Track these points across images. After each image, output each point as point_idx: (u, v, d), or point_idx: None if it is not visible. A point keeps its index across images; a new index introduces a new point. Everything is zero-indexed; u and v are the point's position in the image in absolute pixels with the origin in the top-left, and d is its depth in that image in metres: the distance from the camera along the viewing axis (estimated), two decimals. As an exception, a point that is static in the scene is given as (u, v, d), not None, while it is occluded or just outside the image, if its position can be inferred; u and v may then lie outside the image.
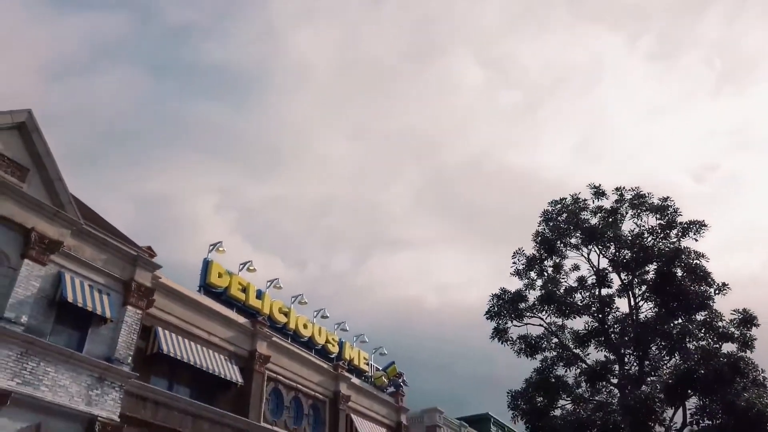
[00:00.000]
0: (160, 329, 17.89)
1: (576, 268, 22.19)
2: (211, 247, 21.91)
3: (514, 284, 24.03)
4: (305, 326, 24.81)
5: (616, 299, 21.39)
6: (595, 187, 22.13)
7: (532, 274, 21.93)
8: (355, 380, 26.08)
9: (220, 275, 21.58)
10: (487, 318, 21.55)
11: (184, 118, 67.37)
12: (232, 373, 19.61)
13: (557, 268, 22.01)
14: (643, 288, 20.88)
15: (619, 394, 19.59)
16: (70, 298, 14.74)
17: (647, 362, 19.92)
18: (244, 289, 22.41)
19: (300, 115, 77.54)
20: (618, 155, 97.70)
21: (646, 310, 20.82)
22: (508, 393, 20.42)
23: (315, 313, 26.48)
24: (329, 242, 76.75)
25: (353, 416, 24.92)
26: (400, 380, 28.88)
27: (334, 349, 26.04)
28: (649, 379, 19.27)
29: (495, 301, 21.65)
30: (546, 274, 21.81)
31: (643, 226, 21.50)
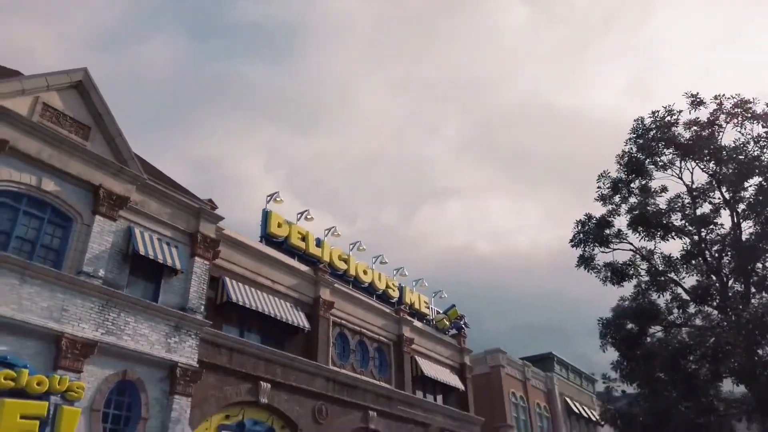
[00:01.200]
0: (227, 279, 18.32)
1: (664, 189, 20.49)
2: (269, 198, 22.07)
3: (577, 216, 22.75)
4: (365, 272, 24.98)
5: (715, 218, 19.59)
6: (692, 95, 19.61)
7: (617, 199, 20.70)
8: (417, 323, 26.30)
9: (279, 225, 21.80)
10: (572, 246, 20.65)
11: (228, 79, 67.51)
12: (298, 319, 20.03)
13: (645, 190, 20.34)
14: (743, 205, 19.13)
15: (719, 318, 18.57)
16: (141, 251, 15.15)
17: (752, 282, 18.56)
18: (304, 238, 22.62)
19: (341, 70, 76.49)
20: (671, 91, 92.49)
21: (746, 228, 19.21)
22: (598, 321, 19.67)
23: (373, 259, 26.62)
24: (377, 196, 76.77)
25: (417, 358, 25.25)
26: (462, 322, 28.99)
27: (395, 293, 26.22)
28: (753, 300, 18.05)
29: (579, 227, 20.74)
30: (634, 196, 20.45)
31: (749, 134, 19.07)
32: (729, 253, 19.14)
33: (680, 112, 20.13)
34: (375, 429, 21.22)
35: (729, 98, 19.43)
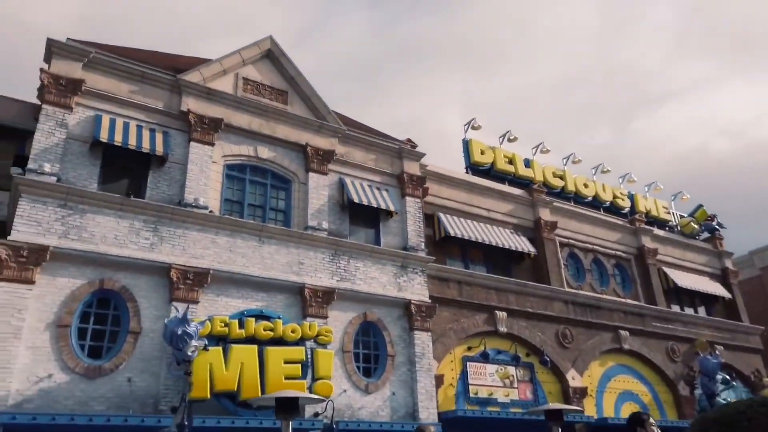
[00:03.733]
0: (441, 215, 17.98)
1: None
2: (466, 126, 21.09)
3: None
4: (585, 185, 22.70)
5: None
6: None
7: None
8: (658, 232, 23.26)
9: (482, 152, 20.75)
10: None
11: (411, 38, 67.29)
12: (522, 244, 18.95)
13: None
14: None
15: None
16: (355, 199, 15.47)
17: None
18: (511, 161, 21.26)
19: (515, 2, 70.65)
20: None
21: None
22: None
23: (592, 170, 24.09)
24: (583, 118, 70.15)
25: (666, 269, 22.34)
26: (714, 223, 24.86)
27: (625, 203, 23.45)
28: None
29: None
30: None
31: None
32: None
33: None
34: (629, 349, 19.36)
35: None
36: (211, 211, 13.39)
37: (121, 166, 13.07)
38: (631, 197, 23.86)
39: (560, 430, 9.92)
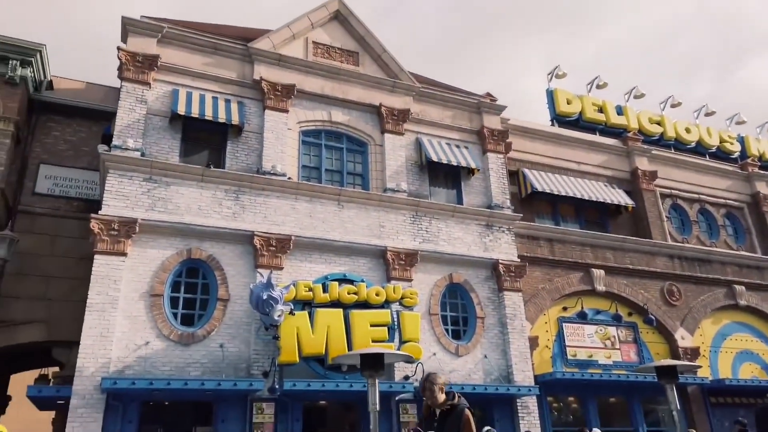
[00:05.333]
0: (526, 170, 16.98)
1: None
2: (550, 75, 19.73)
3: None
4: (687, 130, 20.70)
5: None
6: None
7: None
8: (775, 176, 20.86)
9: (568, 102, 19.35)
10: None
11: (484, 1, 64.35)
12: (618, 197, 17.56)
13: None
14: None
15: None
16: (434, 158, 14.84)
17: None
18: (601, 109, 19.70)
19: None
20: None
21: None
22: None
23: (695, 114, 21.93)
24: (683, 69, 64.26)
25: (786, 217, 20.02)
26: (844, 162, 21.92)
27: (734, 147, 21.23)
28: None
29: None
30: None
31: None
32: None
33: None
34: (746, 305, 17.56)
35: None
36: (289, 178, 13.29)
37: (200, 138, 13.24)
38: (741, 140, 21.55)
39: (674, 389, 8.89)
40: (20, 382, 16.02)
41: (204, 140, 13.27)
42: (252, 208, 12.59)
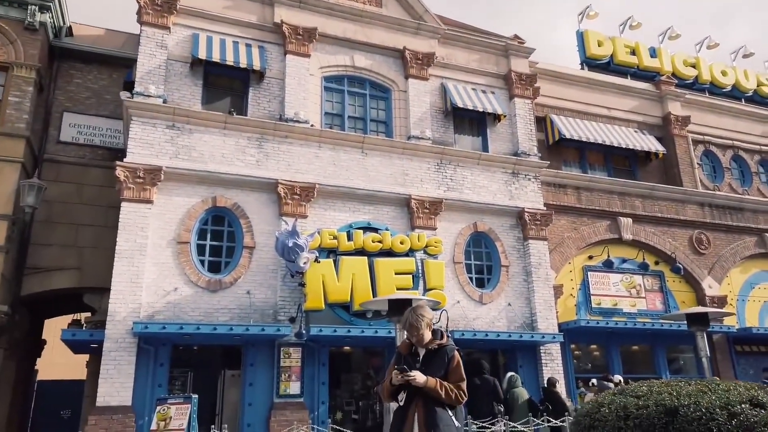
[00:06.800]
0: (554, 116, 16.50)
1: None
2: (580, 17, 18.87)
3: None
4: (724, 73, 19.81)
5: None
6: None
7: None
8: (814, 121, 19.99)
9: (599, 44, 18.56)
10: None
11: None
12: (648, 143, 17.04)
13: None
14: None
15: None
16: (459, 104, 14.45)
17: None
18: (633, 51, 18.89)
19: None
20: None
21: None
22: None
23: (732, 56, 20.93)
24: (718, 14, 60.65)
25: (824, 164, 19.33)
26: None
27: (773, 91, 20.29)
28: None
29: None
30: None
31: None
32: None
33: None
34: (778, 254, 17.21)
35: None
36: (312, 125, 13.07)
37: (221, 85, 13.04)
38: (781, 83, 20.58)
39: (705, 336, 8.83)
40: (54, 328, 16.57)
41: (225, 87, 13.06)
42: (275, 155, 12.47)
